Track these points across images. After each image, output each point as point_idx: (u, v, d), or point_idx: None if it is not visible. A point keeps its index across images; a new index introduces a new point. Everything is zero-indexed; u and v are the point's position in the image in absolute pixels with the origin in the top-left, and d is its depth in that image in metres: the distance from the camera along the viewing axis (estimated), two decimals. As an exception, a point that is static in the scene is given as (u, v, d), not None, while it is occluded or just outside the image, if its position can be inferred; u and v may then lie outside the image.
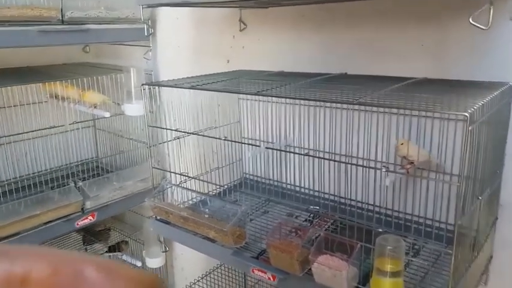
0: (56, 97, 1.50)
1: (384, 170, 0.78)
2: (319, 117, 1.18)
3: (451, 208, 0.90)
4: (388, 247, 0.76)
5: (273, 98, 1.23)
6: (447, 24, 0.98)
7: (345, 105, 1.08)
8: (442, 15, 0.99)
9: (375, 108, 1.05)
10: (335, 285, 0.85)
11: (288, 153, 1.28)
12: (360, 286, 0.86)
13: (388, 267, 0.77)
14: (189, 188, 1.27)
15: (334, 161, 0.87)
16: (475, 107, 0.70)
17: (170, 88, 1.19)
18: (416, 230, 1.05)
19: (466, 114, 0.67)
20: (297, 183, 1.30)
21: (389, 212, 1.10)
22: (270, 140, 1.31)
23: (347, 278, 0.82)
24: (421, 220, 1.06)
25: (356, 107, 1.07)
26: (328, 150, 1.17)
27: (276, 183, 1.35)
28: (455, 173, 0.98)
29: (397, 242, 0.77)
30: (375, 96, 0.85)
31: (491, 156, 0.91)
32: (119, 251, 1.84)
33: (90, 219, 1.50)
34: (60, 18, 1.35)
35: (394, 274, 0.77)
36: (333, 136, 1.15)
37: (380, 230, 0.82)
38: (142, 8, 1.21)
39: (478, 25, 0.70)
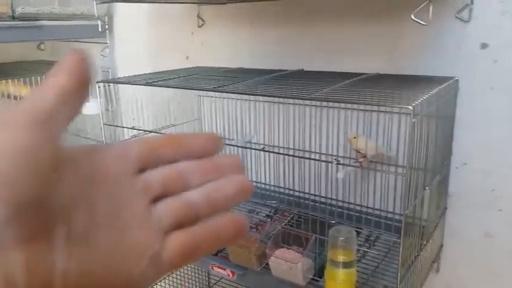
0: (8, 96, 1.45)
1: (334, 163, 0.80)
2: (280, 114, 1.19)
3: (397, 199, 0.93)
4: (340, 238, 0.78)
5: (233, 94, 1.24)
6: (397, 21, 1.01)
7: (301, 101, 1.10)
8: (392, 12, 1.02)
9: (331, 104, 1.07)
10: (291, 278, 0.87)
11: (249, 150, 1.29)
12: (315, 277, 0.87)
13: (341, 258, 0.79)
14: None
15: (288, 155, 0.88)
16: (419, 101, 0.72)
17: (128, 86, 1.17)
18: (372, 222, 1.08)
19: (410, 107, 0.69)
20: (259, 180, 1.31)
21: (346, 205, 1.12)
22: (231, 137, 1.32)
23: (302, 270, 0.84)
24: (376, 212, 1.09)
25: (313, 102, 1.09)
26: (287, 146, 1.18)
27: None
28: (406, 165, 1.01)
29: (348, 233, 0.79)
30: (327, 91, 0.87)
31: (440, 148, 0.94)
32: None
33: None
34: (11, 14, 1.30)
35: (347, 264, 0.79)
36: (294, 132, 1.17)
37: (333, 221, 0.83)
38: (96, 3, 1.19)
39: (419, 21, 0.73)
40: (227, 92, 0.96)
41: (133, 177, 0.23)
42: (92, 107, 1.39)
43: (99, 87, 1.12)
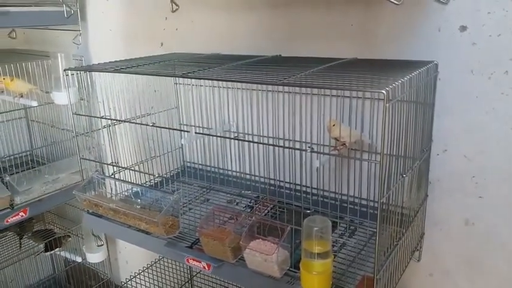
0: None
1: (308, 151, 0.77)
2: (259, 101, 1.16)
3: (377, 187, 0.90)
4: (315, 228, 0.75)
5: (208, 82, 1.20)
6: (371, 4, 0.98)
7: (275, 87, 1.06)
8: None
9: (305, 90, 1.04)
10: (266, 270, 0.84)
11: (227, 140, 1.25)
12: (291, 269, 0.85)
13: (316, 249, 0.76)
14: (126, 178, 1.22)
15: (262, 143, 0.85)
16: (394, 85, 0.69)
17: (105, 74, 1.13)
18: (352, 210, 1.05)
19: (383, 92, 0.66)
20: (238, 169, 1.28)
21: (327, 193, 1.10)
22: (209, 126, 1.28)
23: (277, 261, 0.81)
24: (356, 200, 1.06)
25: (288, 89, 1.05)
26: (266, 134, 1.15)
27: (217, 170, 1.32)
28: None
29: (323, 223, 0.76)
30: (302, 77, 0.83)
31: (419, 134, 0.91)
32: (60, 246, 1.75)
33: (22, 216, 1.41)
34: (-24, -1, 1.24)
35: (322, 255, 0.77)
36: (268, 119, 1.13)
37: (308, 211, 0.81)
38: (64, -12, 1.14)
39: (393, 1, 0.69)
40: (198, 79, 0.92)
41: None
42: (64, 97, 1.34)
43: (67, 75, 1.07)
